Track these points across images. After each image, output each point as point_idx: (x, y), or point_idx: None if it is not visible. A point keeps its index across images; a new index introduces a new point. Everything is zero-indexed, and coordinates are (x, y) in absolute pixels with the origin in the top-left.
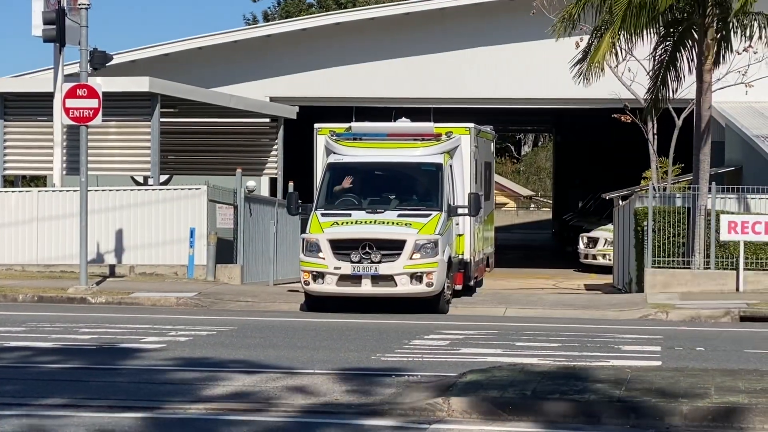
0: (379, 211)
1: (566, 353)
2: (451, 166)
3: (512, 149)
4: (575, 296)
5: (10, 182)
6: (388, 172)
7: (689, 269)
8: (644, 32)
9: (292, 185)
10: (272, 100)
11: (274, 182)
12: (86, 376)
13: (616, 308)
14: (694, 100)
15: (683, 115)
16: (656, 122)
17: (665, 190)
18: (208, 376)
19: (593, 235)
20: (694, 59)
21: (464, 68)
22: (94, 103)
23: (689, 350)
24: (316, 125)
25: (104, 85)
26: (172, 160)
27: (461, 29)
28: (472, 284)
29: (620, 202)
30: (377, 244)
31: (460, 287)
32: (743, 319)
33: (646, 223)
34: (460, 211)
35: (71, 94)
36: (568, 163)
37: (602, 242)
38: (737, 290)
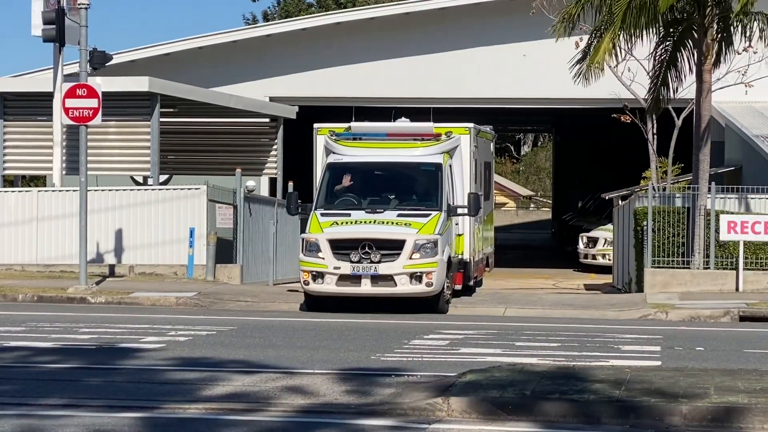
0: (378, 211)
1: (566, 353)
2: (450, 166)
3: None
4: (575, 296)
5: (9, 182)
6: (387, 172)
7: (689, 269)
8: (644, 33)
9: (291, 185)
10: (272, 100)
11: (273, 182)
12: (86, 375)
13: (615, 308)
14: (693, 100)
15: (683, 115)
16: (656, 122)
17: (665, 189)
18: (207, 376)
19: (593, 235)
20: (694, 59)
21: (464, 68)
22: (93, 102)
23: (689, 350)
24: (315, 125)
25: (104, 84)
26: (171, 160)
27: (461, 29)
28: (471, 284)
29: (620, 201)
30: (377, 243)
31: (459, 287)
32: (743, 318)
33: (645, 222)
34: (459, 211)
35: (71, 93)
36: (567, 163)
37: (602, 242)
38: (737, 290)
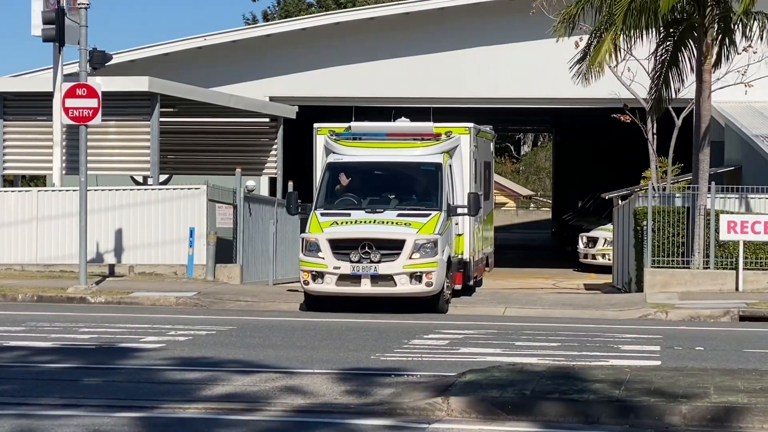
0: (378, 210)
1: (565, 353)
2: (450, 165)
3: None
4: (575, 296)
5: (9, 182)
6: (387, 171)
7: (689, 269)
8: (644, 33)
9: (291, 185)
10: (272, 99)
11: (273, 182)
12: (85, 375)
13: (615, 308)
14: (693, 100)
15: (683, 114)
16: (656, 122)
17: (665, 189)
18: (207, 375)
19: (593, 234)
20: (694, 59)
21: (464, 68)
22: (93, 102)
23: (688, 350)
24: (315, 125)
25: (104, 84)
26: (171, 159)
27: (461, 29)
28: (471, 284)
29: (620, 201)
30: (377, 243)
31: (459, 287)
32: (742, 318)
33: (645, 222)
34: (459, 210)
35: (71, 93)
36: (567, 162)
37: (602, 242)
38: (737, 290)
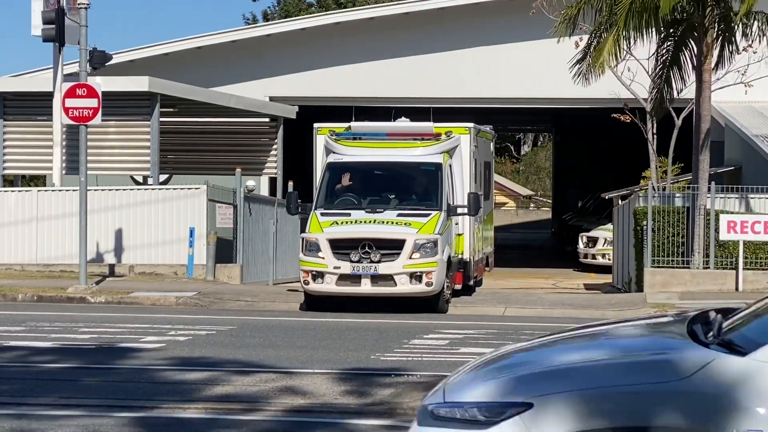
0: (378, 210)
1: None
2: (450, 165)
3: (512, 149)
4: (575, 296)
5: (9, 182)
6: (387, 171)
7: (688, 269)
8: (645, 33)
9: (291, 185)
10: (272, 99)
11: (273, 182)
12: (85, 375)
13: (615, 308)
14: (693, 100)
15: (683, 114)
16: (656, 122)
17: (665, 189)
18: (207, 375)
19: (593, 234)
20: (695, 59)
21: (464, 68)
22: (93, 102)
23: None
24: (315, 125)
25: (104, 84)
26: (171, 159)
27: (461, 29)
28: (471, 284)
29: (620, 201)
30: (377, 243)
31: (459, 287)
32: None
33: (645, 222)
34: (459, 210)
35: (71, 93)
36: (567, 162)
37: (602, 242)
38: (736, 290)
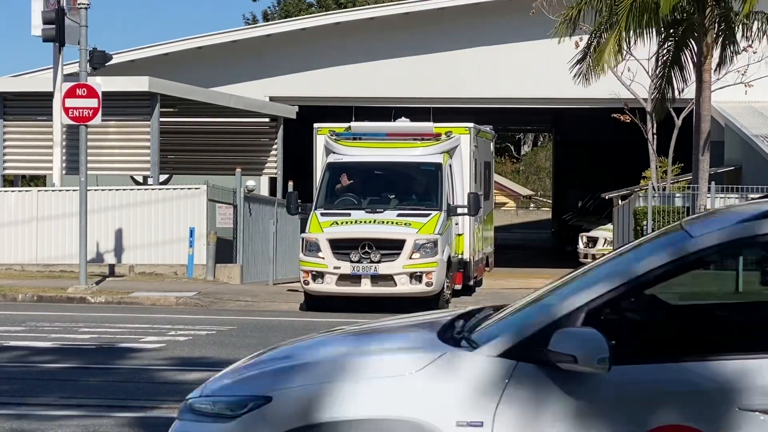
0: (378, 210)
1: None
2: (450, 165)
3: (512, 149)
4: None
5: (9, 182)
6: (387, 171)
7: None
8: (645, 34)
9: (291, 185)
10: (272, 99)
11: (273, 182)
12: (85, 375)
13: None
14: (693, 100)
15: (683, 114)
16: (656, 122)
17: (665, 189)
18: (207, 376)
19: (593, 234)
20: (695, 59)
21: (464, 68)
22: (93, 102)
23: None
24: (315, 125)
25: (104, 84)
26: (171, 159)
27: (461, 29)
28: (471, 284)
29: (620, 201)
30: (377, 243)
31: (459, 287)
32: None
33: (645, 222)
34: (459, 210)
35: (71, 93)
36: (567, 162)
37: (602, 242)
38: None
